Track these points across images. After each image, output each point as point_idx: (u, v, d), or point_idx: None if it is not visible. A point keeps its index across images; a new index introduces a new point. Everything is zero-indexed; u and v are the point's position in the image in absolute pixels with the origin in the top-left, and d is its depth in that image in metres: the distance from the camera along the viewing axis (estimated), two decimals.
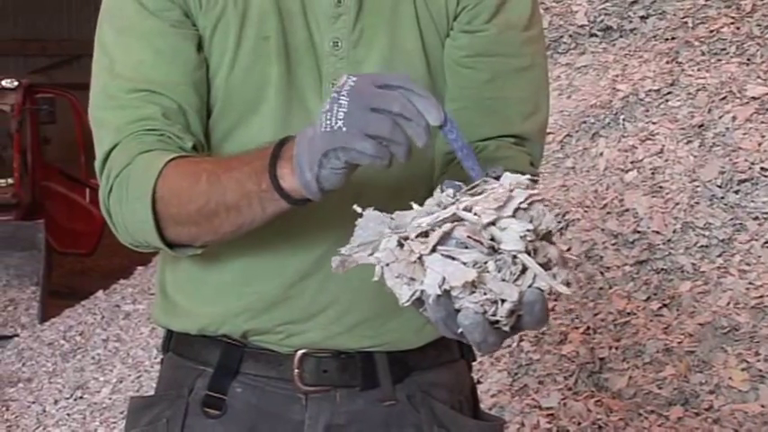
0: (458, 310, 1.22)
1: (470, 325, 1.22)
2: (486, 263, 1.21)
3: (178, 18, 1.56)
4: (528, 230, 1.22)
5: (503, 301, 1.21)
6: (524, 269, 1.22)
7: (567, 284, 1.25)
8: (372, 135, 1.27)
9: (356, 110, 1.27)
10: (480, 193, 1.27)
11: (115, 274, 8.52)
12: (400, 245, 1.24)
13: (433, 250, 1.22)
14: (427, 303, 1.23)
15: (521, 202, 1.24)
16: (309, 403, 1.64)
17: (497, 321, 1.22)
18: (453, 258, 1.21)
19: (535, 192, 1.25)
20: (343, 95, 1.28)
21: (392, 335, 1.64)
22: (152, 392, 1.77)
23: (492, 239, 1.22)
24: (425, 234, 1.23)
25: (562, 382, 3.83)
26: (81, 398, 6.02)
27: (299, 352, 1.63)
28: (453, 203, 1.26)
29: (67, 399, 6.07)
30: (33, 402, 6.23)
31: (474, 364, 1.81)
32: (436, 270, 1.21)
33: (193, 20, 1.57)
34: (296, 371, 1.63)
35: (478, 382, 3.85)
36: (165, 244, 1.50)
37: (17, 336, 7.75)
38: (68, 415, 5.90)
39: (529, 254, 1.22)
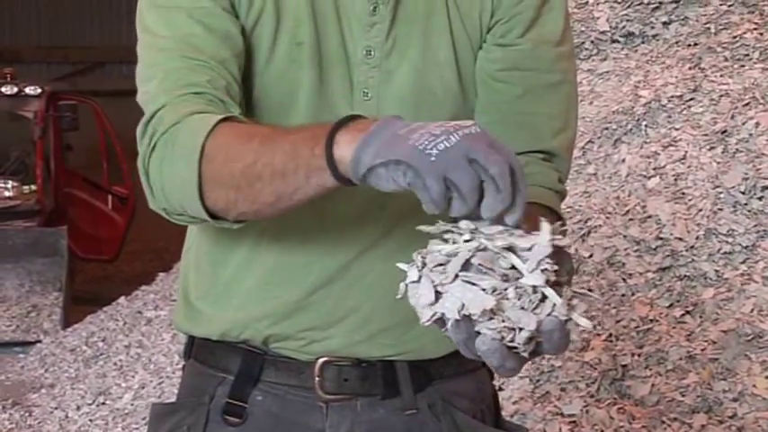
0: (478, 333, 1.22)
1: (488, 350, 1.22)
2: (506, 289, 1.22)
3: (227, 6, 1.54)
4: (548, 263, 1.22)
5: (520, 328, 1.21)
6: (544, 298, 1.22)
7: (587, 316, 1.25)
8: (449, 180, 1.20)
9: (456, 151, 1.20)
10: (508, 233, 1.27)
11: (137, 280, 8.55)
12: (423, 266, 1.25)
13: (455, 277, 1.22)
14: (448, 326, 1.23)
15: (538, 243, 1.24)
16: (330, 412, 1.63)
17: (516, 347, 1.23)
18: (473, 284, 1.22)
19: (558, 238, 1.25)
20: (458, 134, 1.20)
21: (414, 344, 1.64)
22: (173, 399, 1.77)
23: (513, 268, 1.22)
24: (448, 257, 1.24)
25: (584, 390, 3.81)
26: (103, 404, 6.04)
27: (320, 360, 1.63)
28: (474, 231, 1.26)
29: (90, 405, 6.09)
30: (56, 408, 6.25)
31: None
32: (456, 295, 1.22)
33: (236, 10, 1.56)
34: (317, 379, 1.63)
35: (500, 390, 3.84)
36: (204, 209, 1.43)
37: (40, 342, 7.78)
38: (91, 421, 5.92)
39: (548, 283, 1.22)
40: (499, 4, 1.62)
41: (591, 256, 4.29)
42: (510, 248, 1.23)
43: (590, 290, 4.19)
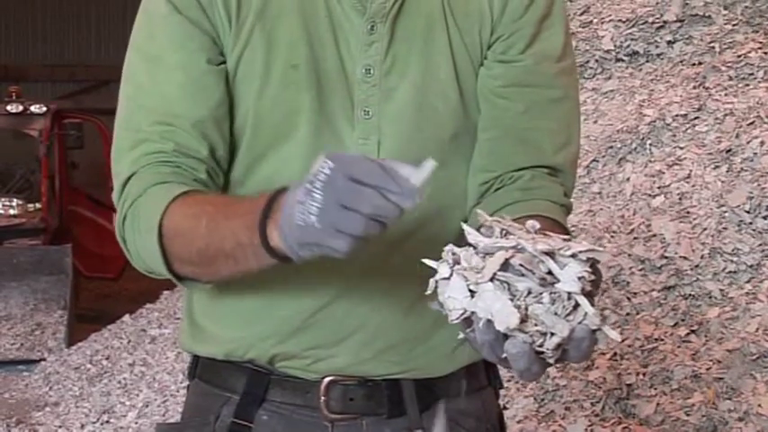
0: (505, 336, 1.23)
1: (517, 353, 1.23)
2: (541, 294, 1.22)
3: (207, 48, 1.56)
4: (586, 271, 1.23)
5: (552, 334, 1.22)
6: (577, 305, 1.23)
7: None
8: (345, 232, 1.24)
9: (329, 206, 1.24)
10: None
11: (141, 298, 8.55)
12: (456, 263, 1.25)
13: (492, 278, 1.23)
14: (476, 325, 1.24)
15: (581, 251, 1.24)
16: (335, 431, 1.63)
17: (543, 352, 1.23)
18: (509, 285, 1.22)
19: (599, 250, 1.26)
20: (317, 188, 1.25)
21: (420, 361, 1.64)
22: (178, 418, 1.77)
23: (550, 273, 1.23)
24: (482, 257, 1.25)
25: (589, 409, 3.80)
26: (107, 422, 6.03)
27: (326, 379, 1.62)
28: (511, 233, 1.28)
29: (94, 423, 6.08)
30: (60, 426, 6.25)
31: (500, 389, 1.80)
32: (487, 301, 1.22)
33: (221, 47, 1.57)
34: (322, 398, 1.62)
35: (504, 408, 3.83)
36: (174, 276, 1.51)
37: (44, 360, 7.78)
38: None
39: (583, 291, 1.23)
40: (499, 21, 1.62)
41: None
42: (550, 254, 1.23)
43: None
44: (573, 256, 1.23)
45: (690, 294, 4.10)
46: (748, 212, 4.31)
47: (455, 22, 1.61)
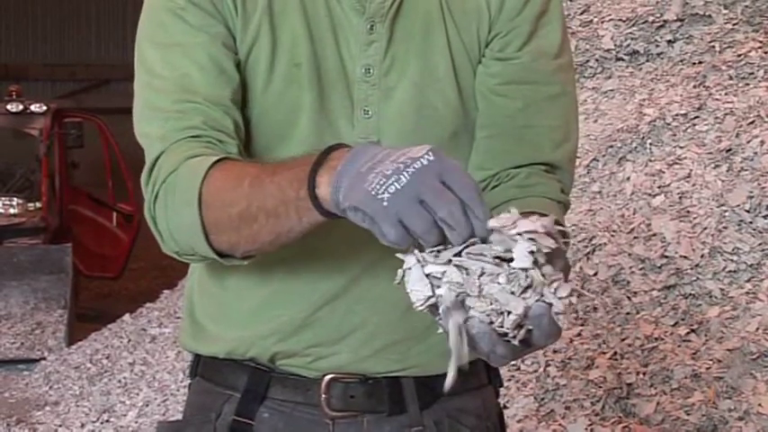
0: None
1: (477, 334, 1.22)
2: (498, 274, 1.23)
3: (223, 36, 1.56)
4: (534, 245, 1.23)
5: (509, 312, 1.22)
6: (533, 284, 1.23)
7: (570, 302, 1.25)
8: (404, 225, 1.22)
9: (407, 194, 1.21)
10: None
11: (142, 297, 8.56)
12: (420, 252, 1.26)
13: (449, 262, 1.23)
14: (441, 311, 1.24)
15: (525, 231, 1.25)
16: (336, 429, 1.63)
17: (506, 333, 1.23)
18: (466, 269, 1.23)
19: (542, 231, 1.26)
20: (409, 171, 1.22)
21: (419, 359, 1.64)
22: (178, 417, 1.77)
23: (505, 258, 1.23)
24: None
25: (589, 408, 3.81)
26: (107, 421, 6.03)
27: (327, 377, 1.63)
28: None
29: (94, 422, 6.09)
30: (60, 426, 6.25)
31: (500, 388, 1.80)
32: (445, 282, 1.23)
33: (233, 38, 1.57)
34: (323, 396, 1.62)
35: (505, 407, 3.83)
36: (212, 250, 1.47)
37: (44, 359, 7.78)
38: None
39: (537, 266, 1.23)
40: (497, 19, 1.63)
41: (596, 274, 4.29)
42: (498, 232, 1.24)
43: (595, 308, 4.18)
44: (519, 234, 1.24)
45: (690, 294, 4.10)
46: (748, 212, 4.31)
47: (453, 21, 1.61)
